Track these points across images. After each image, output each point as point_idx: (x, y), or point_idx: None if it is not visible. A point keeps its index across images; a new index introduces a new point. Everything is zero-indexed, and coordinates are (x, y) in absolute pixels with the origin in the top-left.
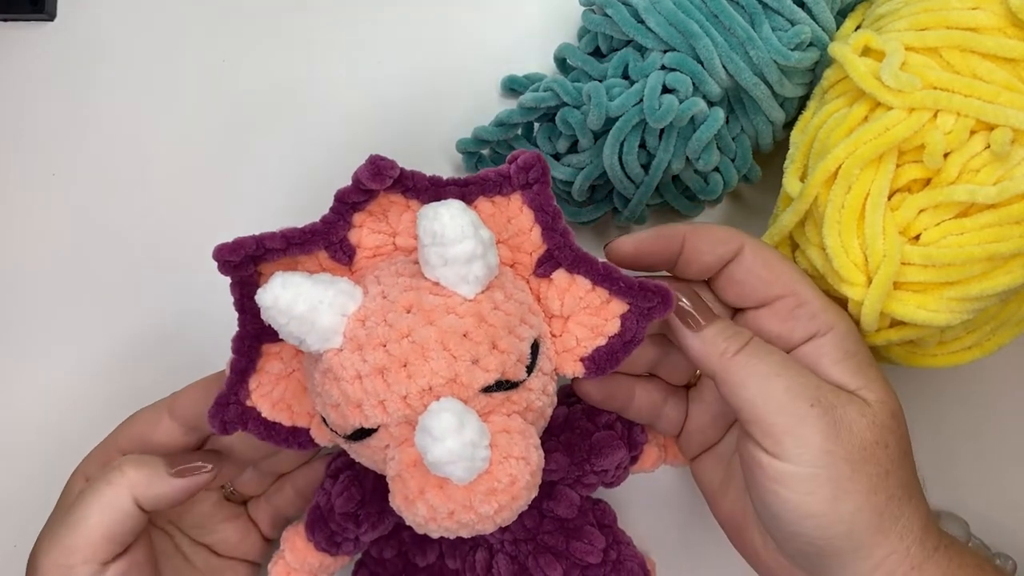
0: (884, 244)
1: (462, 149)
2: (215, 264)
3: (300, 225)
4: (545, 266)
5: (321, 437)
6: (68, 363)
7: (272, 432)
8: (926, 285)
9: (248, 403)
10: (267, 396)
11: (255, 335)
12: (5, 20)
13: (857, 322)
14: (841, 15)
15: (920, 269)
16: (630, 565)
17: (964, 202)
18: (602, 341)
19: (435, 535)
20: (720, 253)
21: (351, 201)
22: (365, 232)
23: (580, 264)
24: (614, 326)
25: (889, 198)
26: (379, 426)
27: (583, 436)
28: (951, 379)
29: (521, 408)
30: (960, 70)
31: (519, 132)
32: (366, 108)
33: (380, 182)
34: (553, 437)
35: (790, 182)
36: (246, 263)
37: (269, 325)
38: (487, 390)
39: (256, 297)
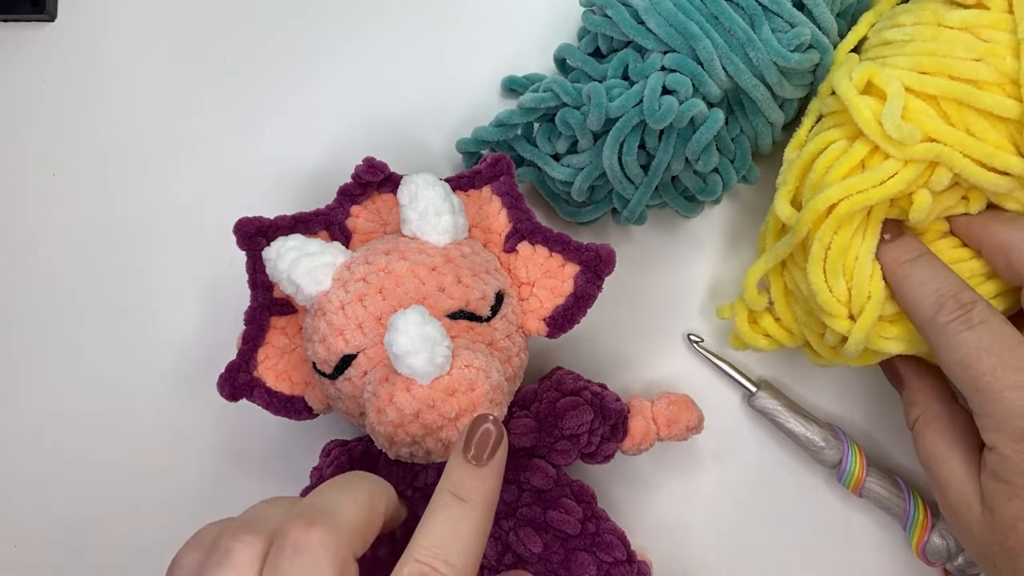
0: (870, 287)
1: (462, 149)
2: (216, 258)
3: None
4: (511, 240)
5: (315, 400)
6: (67, 362)
7: (273, 400)
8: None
9: (255, 373)
10: (272, 368)
11: (265, 306)
12: (5, 20)
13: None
14: (841, 17)
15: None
16: (609, 538)
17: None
18: (560, 300)
19: (405, 456)
20: None
21: (351, 193)
22: (361, 220)
23: (538, 234)
24: (569, 286)
25: None
26: (359, 351)
27: (552, 403)
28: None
29: (486, 342)
30: (955, 123)
31: (519, 132)
32: (367, 108)
33: (374, 174)
34: (523, 410)
35: (781, 206)
36: (258, 236)
37: (276, 299)
38: (453, 317)
39: (263, 252)
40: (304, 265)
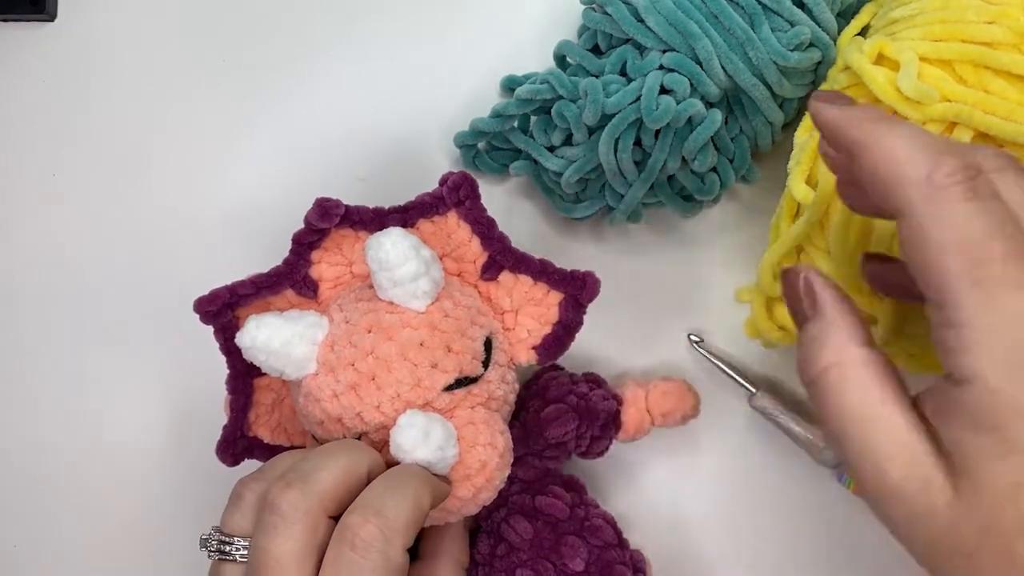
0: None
1: (460, 143)
2: (218, 256)
3: (295, 221)
4: (490, 271)
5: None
6: (64, 361)
7: (276, 453)
8: None
9: (251, 434)
10: (265, 425)
11: (245, 372)
12: (5, 20)
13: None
14: (841, 16)
15: None
16: (598, 522)
17: None
18: (548, 329)
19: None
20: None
21: (306, 241)
22: (324, 266)
23: (521, 264)
24: (555, 313)
25: None
26: (360, 434)
27: (536, 412)
28: None
29: (483, 399)
30: (972, 85)
31: (515, 124)
32: (366, 106)
33: (329, 220)
34: (511, 418)
35: (796, 186)
36: (224, 311)
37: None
38: (449, 388)
39: (236, 340)
40: (284, 356)
